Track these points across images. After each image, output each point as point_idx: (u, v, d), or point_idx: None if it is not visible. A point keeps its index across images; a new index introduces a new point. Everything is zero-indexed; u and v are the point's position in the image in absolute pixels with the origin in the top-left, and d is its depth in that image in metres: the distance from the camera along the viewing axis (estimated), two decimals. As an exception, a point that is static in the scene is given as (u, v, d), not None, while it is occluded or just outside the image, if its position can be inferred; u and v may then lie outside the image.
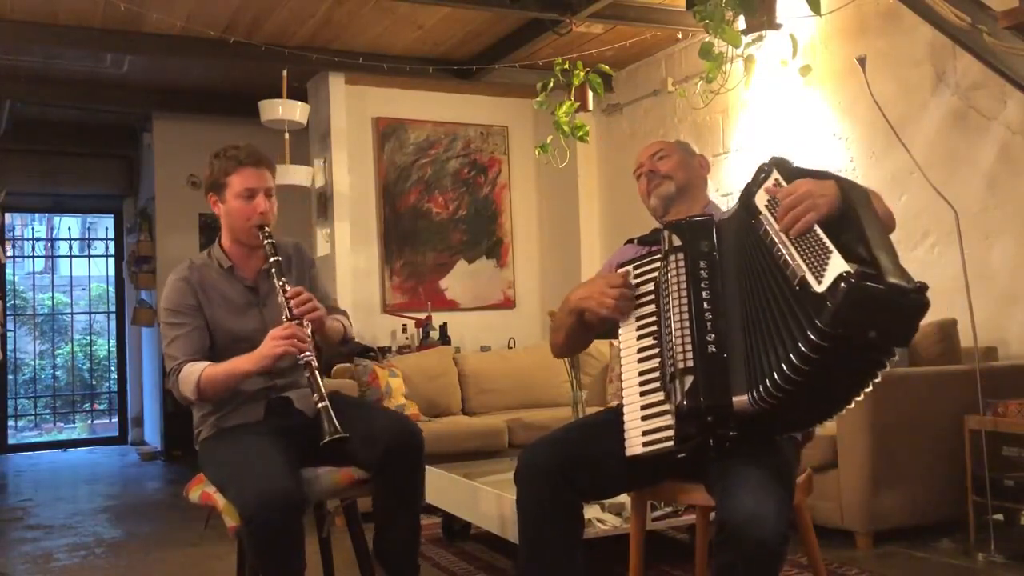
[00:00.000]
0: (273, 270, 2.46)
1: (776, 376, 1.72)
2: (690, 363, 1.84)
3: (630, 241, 2.39)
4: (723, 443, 1.84)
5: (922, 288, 1.66)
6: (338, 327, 2.64)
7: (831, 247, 1.69)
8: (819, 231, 1.73)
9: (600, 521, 3.18)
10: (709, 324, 1.86)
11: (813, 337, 1.65)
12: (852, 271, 1.62)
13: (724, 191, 5.39)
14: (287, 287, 2.44)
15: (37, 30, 5.17)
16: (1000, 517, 3.56)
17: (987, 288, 3.99)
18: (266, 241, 2.49)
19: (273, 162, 2.61)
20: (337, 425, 2.28)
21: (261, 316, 2.54)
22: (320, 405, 2.31)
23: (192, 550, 4.01)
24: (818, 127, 4.86)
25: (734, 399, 1.80)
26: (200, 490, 2.44)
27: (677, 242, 1.96)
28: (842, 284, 1.61)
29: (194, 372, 2.40)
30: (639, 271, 2.11)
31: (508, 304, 6.76)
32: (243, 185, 2.49)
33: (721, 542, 1.75)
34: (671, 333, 1.89)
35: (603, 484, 2.13)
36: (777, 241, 1.79)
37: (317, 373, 2.35)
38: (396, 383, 5.05)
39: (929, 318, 4.23)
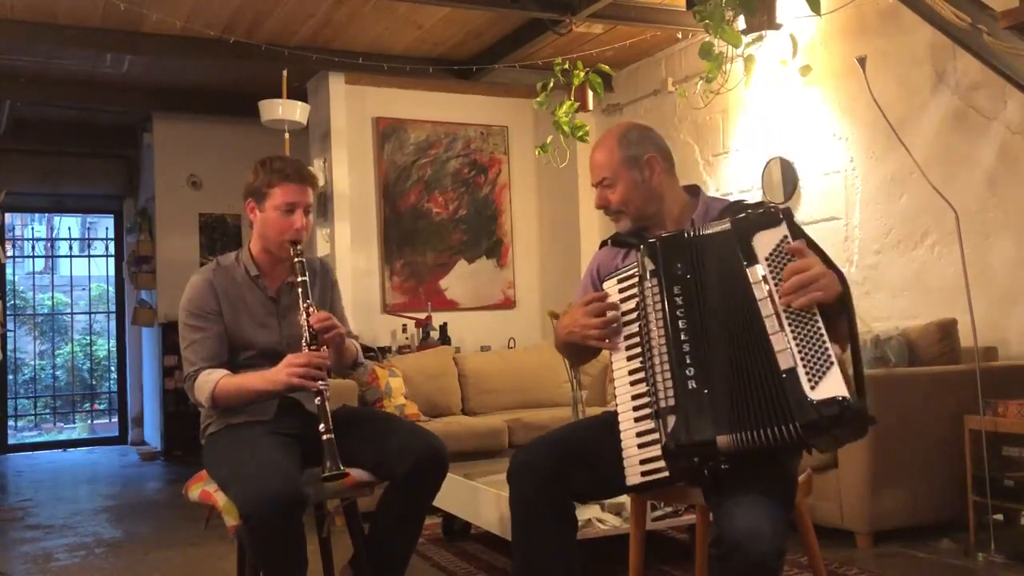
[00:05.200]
0: (299, 290, 2.45)
1: (759, 434, 1.76)
2: (671, 401, 1.82)
3: (604, 243, 2.36)
4: (717, 472, 1.82)
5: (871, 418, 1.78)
6: (351, 350, 2.64)
7: (833, 358, 1.73)
8: (820, 322, 1.77)
9: (600, 521, 3.17)
10: (688, 356, 1.84)
11: (787, 429, 1.73)
12: (849, 399, 1.69)
13: (724, 191, 5.37)
14: (311, 310, 2.43)
15: (37, 30, 5.17)
16: (1000, 517, 3.56)
17: (987, 288, 3.98)
18: (296, 259, 2.48)
19: (316, 179, 2.61)
20: (339, 462, 2.28)
21: (279, 328, 2.55)
22: (325, 438, 2.29)
23: (192, 550, 4.01)
24: (818, 127, 4.85)
25: (718, 438, 1.78)
26: (200, 488, 2.44)
27: (650, 266, 1.93)
28: (838, 410, 1.69)
29: (209, 381, 2.42)
30: (622, 285, 2.07)
31: (508, 304, 6.76)
32: (284, 199, 2.48)
33: (718, 556, 1.74)
34: (653, 366, 1.87)
35: (599, 485, 2.11)
36: (771, 310, 1.80)
37: (327, 404, 2.34)
38: (396, 383, 5.05)
39: (929, 318, 4.24)
